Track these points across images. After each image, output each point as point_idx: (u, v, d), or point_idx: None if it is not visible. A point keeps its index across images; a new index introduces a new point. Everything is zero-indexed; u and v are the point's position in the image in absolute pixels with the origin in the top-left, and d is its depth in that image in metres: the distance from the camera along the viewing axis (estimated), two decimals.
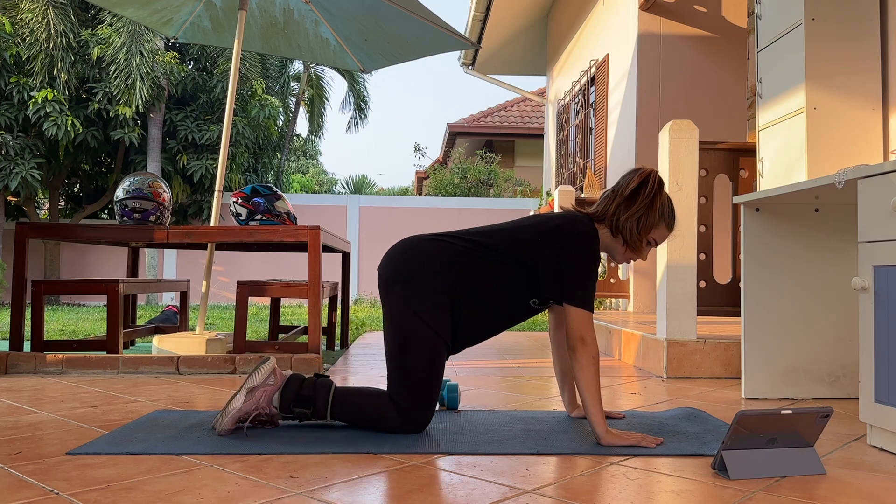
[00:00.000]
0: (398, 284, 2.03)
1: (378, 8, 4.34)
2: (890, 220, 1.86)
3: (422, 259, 2.04)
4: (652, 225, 2.09)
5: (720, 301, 3.67)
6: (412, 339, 2.00)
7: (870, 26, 3.08)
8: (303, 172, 25.83)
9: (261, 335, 5.32)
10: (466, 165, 15.35)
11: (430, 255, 2.05)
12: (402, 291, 2.02)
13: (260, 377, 2.04)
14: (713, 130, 5.72)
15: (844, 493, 1.54)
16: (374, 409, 2.03)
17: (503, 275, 2.04)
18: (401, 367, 2.01)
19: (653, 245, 2.13)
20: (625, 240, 2.10)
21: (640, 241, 2.09)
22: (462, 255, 2.05)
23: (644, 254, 2.13)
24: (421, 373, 2.00)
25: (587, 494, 1.50)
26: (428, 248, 2.06)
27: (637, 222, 2.07)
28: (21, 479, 1.58)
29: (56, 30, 10.22)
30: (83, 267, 12.30)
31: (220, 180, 4.06)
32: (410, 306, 2.00)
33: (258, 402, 2.02)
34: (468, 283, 2.03)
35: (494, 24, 9.29)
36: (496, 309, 2.06)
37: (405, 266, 2.04)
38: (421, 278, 2.02)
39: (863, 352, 1.98)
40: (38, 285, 3.51)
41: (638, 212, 2.07)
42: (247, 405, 2.01)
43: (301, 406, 2.04)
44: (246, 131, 11.61)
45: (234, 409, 2.00)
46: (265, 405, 2.03)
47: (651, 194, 2.07)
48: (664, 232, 2.13)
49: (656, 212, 2.08)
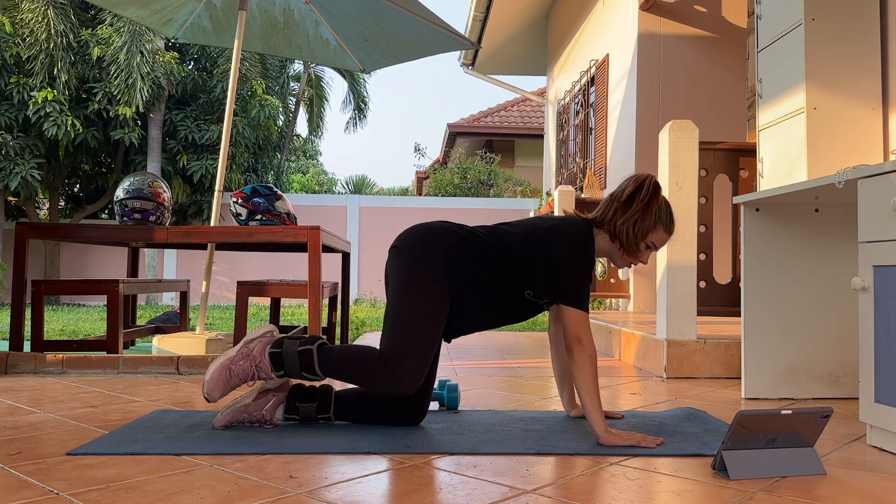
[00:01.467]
0: (407, 251, 2.05)
1: (378, 8, 4.34)
2: (890, 220, 1.86)
3: (434, 237, 2.07)
4: (648, 229, 2.09)
5: (720, 301, 3.67)
6: (415, 292, 2.00)
7: (870, 26, 3.08)
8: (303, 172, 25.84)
9: None
10: (466, 165, 15.35)
11: (443, 235, 2.07)
12: (411, 255, 2.04)
13: (256, 333, 2.10)
14: (713, 130, 5.72)
15: (844, 493, 1.54)
16: (361, 361, 1.99)
17: (503, 263, 2.06)
18: (397, 315, 1.99)
19: (652, 249, 2.14)
20: (622, 244, 2.10)
21: (637, 245, 2.10)
22: (471, 242, 2.07)
23: (644, 257, 2.14)
24: (417, 322, 1.97)
25: (587, 494, 1.50)
26: (441, 229, 2.09)
27: (633, 226, 2.08)
28: (21, 479, 1.58)
29: (56, 30, 10.22)
30: (83, 267, 12.30)
31: (220, 180, 4.06)
32: (419, 268, 2.02)
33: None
34: (472, 270, 2.05)
35: (494, 24, 9.29)
36: (494, 294, 2.07)
37: (417, 239, 2.07)
38: (430, 251, 2.04)
39: (863, 352, 1.98)
40: (38, 285, 3.51)
41: (633, 216, 2.08)
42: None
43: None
44: (246, 131, 11.61)
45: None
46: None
47: (646, 198, 2.08)
48: (663, 236, 2.13)
49: (653, 216, 2.08)
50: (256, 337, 2.09)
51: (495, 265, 2.05)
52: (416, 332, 1.97)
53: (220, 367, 2.02)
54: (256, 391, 2.10)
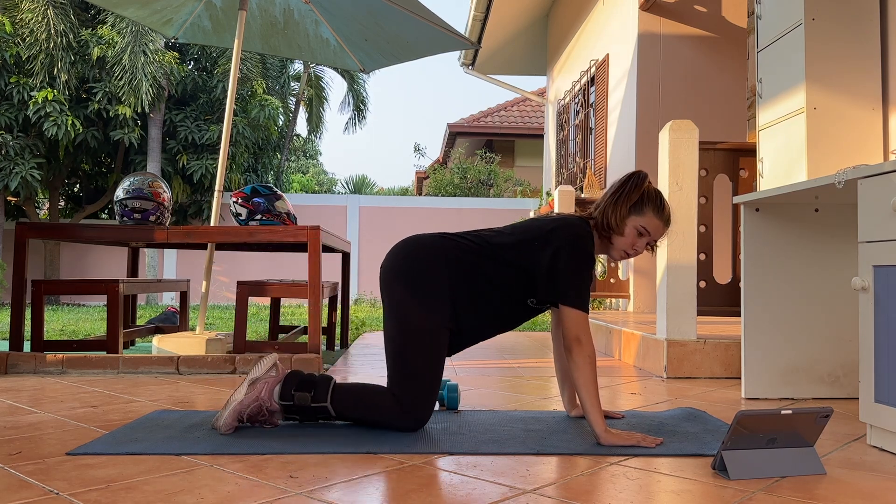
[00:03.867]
0: (401, 278, 2.04)
1: (378, 8, 4.34)
2: (890, 220, 1.86)
3: (426, 255, 2.05)
4: (632, 210, 2.08)
5: (720, 301, 3.67)
6: (414, 332, 2.00)
7: (870, 26, 3.08)
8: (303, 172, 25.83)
9: (261, 335, 5.32)
10: (466, 165, 15.34)
11: (435, 251, 2.06)
12: (406, 285, 2.03)
13: (262, 369, 2.09)
14: (713, 130, 5.72)
15: (844, 493, 1.54)
16: (374, 402, 2.04)
17: (504, 276, 2.05)
18: (401, 360, 2.01)
19: (646, 235, 2.11)
20: (608, 228, 2.09)
21: (621, 227, 2.08)
22: (467, 253, 2.06)
23: (639, 245, 2.11)
24: (422, 366, 2.00)
25: (587, 494, 1.50)
26: (433, 244, 2.08)
27: (613, 207, 2.08)
28: (21, 479, 1.58)
29: (56, 30, 10.21)
30: (83, 267, 12.30)
31: (220, 180, 4.06)
32: (415, 298, 2.01)
33: (259, 394, 2.05)
34: (470, 282, 2.04)
35: (494, 24, 9.29)
36: (497, 308, 2.07)
37: (409, 261, 2.06)
38: (424, 273, 2.03)
39: (863, 352, 1.98)
40: (38, 285, 3.51)
41: (615, 198, 2.10)
42: (248, 397, 2.04)
43: (302, 390, 2.05)
44: (246, 131, 11.61)
45: (236, 400, 2.04)
46: (266, 397, 2.05)
47: (629, 184, 2.10)
48: (653, 220, 2.10)
49: (635, 197, 2.08)
50: (262, 376, 2.08)
51: (494, 280, 2.05)
52: (425, 376, 2.00)
53: (231, 412, 2.02)
54: (246, 384, 2.06)
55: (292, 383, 2.07)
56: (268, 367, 2.09)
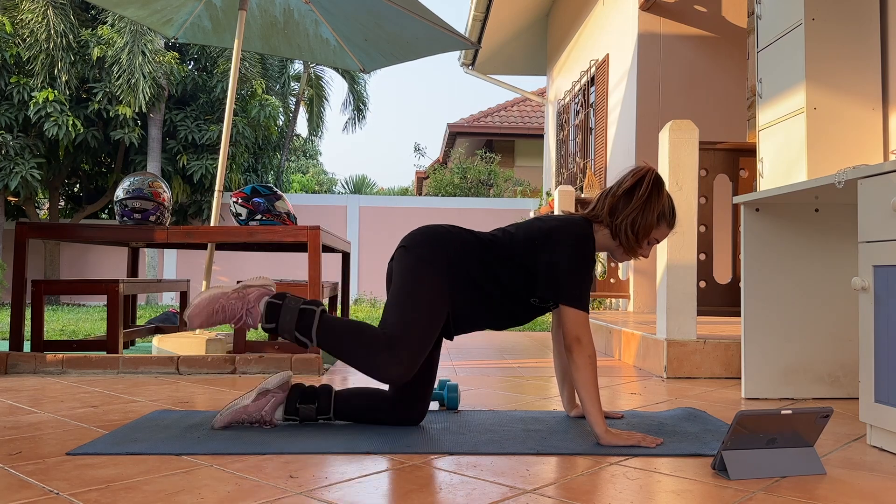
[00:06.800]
0: (416, 249, 2.06)
1: (378, 8, 4.34)
2: (890, 220, 1.86)
3: (442, 239, 2.07)
4: (650, 226, 2.07)
5: (720, 301, 3.67)
6: (419, 284, 2.00)
7: (870, 26, 3.08)
8: (303, 172, 25.82)
9: (261, 335, 5.32)
10: (466, 165, 15.35)
11: (450, 238, 2.08)
12: (419, 252, 2.04)
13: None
14: (713, 130, 5.72)
15: (844, 493, 1.54)
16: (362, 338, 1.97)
17: (505, 272, 2.06)
18: (400, 308, 1.99)
19: (654, 243, 2.13)
20: (621, 243, 2.09)
21: (638, 242, 2.08)
22: (476, 249, 2.07)
23: (645, 252, 2.13)
24: (419, 309, 1.98)
25: (587, 494, 1.50)
26: (448, 233, 2.10)
27: (632, 224, 2.05)
28: (21, 479, 1.58)
29: (56, 30, 10.22)
30: (83, 267, 12.30)
31: (220, 180, 4.06)
32: (424, 262, 2.02)
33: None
34: (474, 275, 2.05)
35: (494, 24, 9.29)
36: (497, 301, 2.07)
37: (425, 238, 2.07)
38: (437, 251, 2.04)
39: (863, 352, 1.98)
40: (38, 285, 3.51)
41: (632, 213, 2.04)
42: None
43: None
44: (246, 131, 11.61)
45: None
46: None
47: (645, 194, 2.05)
48: (664, 231, 2.12)
49: (653, 212, 2.06)
50: (255, 285, 2.05)
51: (498, 276, 2.05)
52: (418, 323, 1.97)
53: (210, 297, 1.97)
54: (256, 392, 2.09)
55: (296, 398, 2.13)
56: (280, 382, 2.11)
